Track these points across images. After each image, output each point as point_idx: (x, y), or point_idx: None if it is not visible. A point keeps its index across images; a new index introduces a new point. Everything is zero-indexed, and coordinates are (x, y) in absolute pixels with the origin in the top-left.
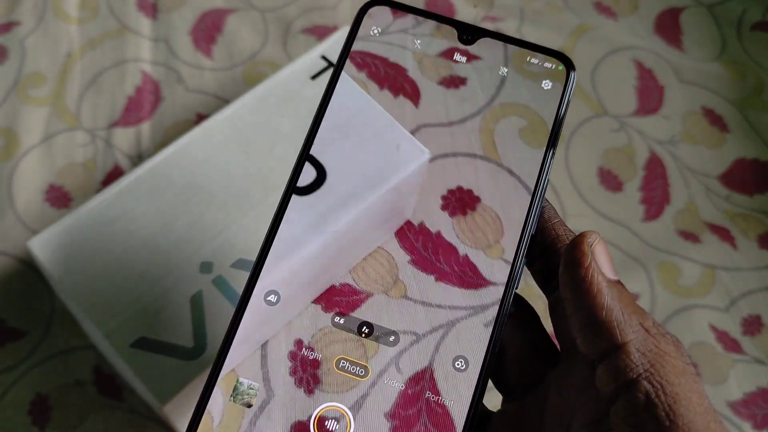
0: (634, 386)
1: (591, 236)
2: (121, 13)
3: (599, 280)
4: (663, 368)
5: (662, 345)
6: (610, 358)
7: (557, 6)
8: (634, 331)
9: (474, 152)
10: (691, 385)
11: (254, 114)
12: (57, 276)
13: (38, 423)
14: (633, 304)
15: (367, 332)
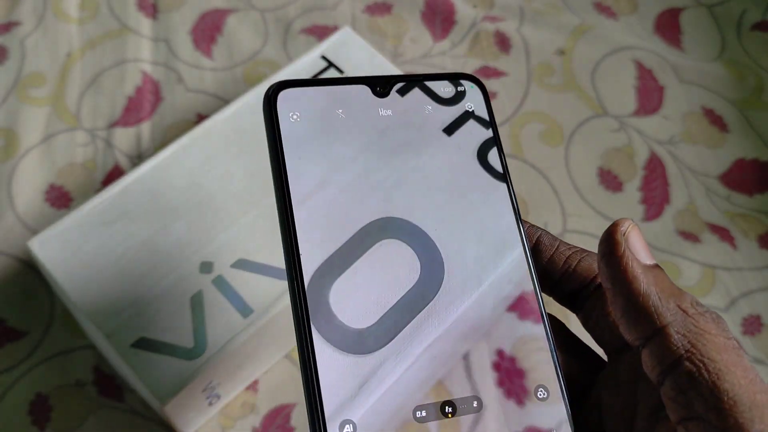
0: (678, 367)
1: (624, 224)
2: (121, 13)
3: (634, 266)
4: (704, 346)
5: (702, 324)
6: (652, 342)
7: (557, 6)
8: (672, 313)
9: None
10: (733, 359)
11: (254, 114)
12: (57, 276)
13: (38, 423)
14: (670, 287)
15: (451, 411)
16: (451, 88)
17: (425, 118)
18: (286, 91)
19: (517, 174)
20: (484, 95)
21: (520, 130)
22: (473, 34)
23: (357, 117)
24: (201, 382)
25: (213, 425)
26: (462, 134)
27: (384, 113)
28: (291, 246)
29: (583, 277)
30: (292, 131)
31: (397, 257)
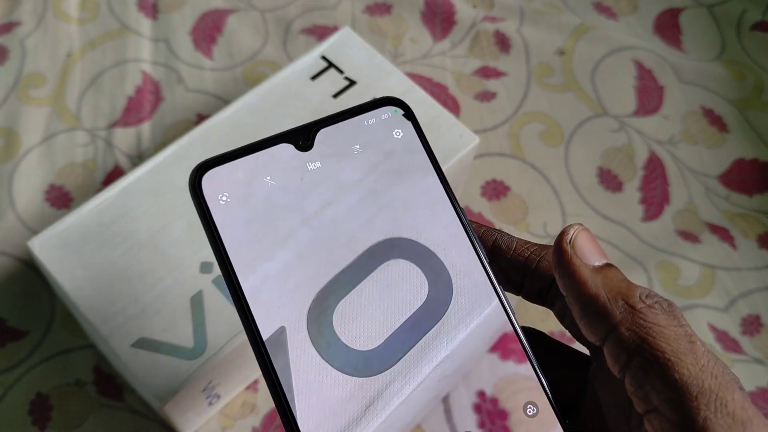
0: (631, 362)
1: (569, 231)
2: (122, 14)
3: (582, 271)
4: (653, 339)
5: (650, 317)
6: (608, 341)
7: (557, 6)
8: (621, 311)
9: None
10: (683, 348)
11: (254, 114)
12: (57, 276)
13: (38, 423)
14: (620, 285)
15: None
16: (374, 120)
17: (355, 160)
18: (209, 173)
19: (517, 174)
20: (410, 117)
21: (520, 130)
22: (473, 34)
23: (287, 180)
24: (201, 382)
25: (213, 425)
26: (396, 167)
27: (313, 167)
28: (247, 318)
29: (547, 276)
30: (225, 215)
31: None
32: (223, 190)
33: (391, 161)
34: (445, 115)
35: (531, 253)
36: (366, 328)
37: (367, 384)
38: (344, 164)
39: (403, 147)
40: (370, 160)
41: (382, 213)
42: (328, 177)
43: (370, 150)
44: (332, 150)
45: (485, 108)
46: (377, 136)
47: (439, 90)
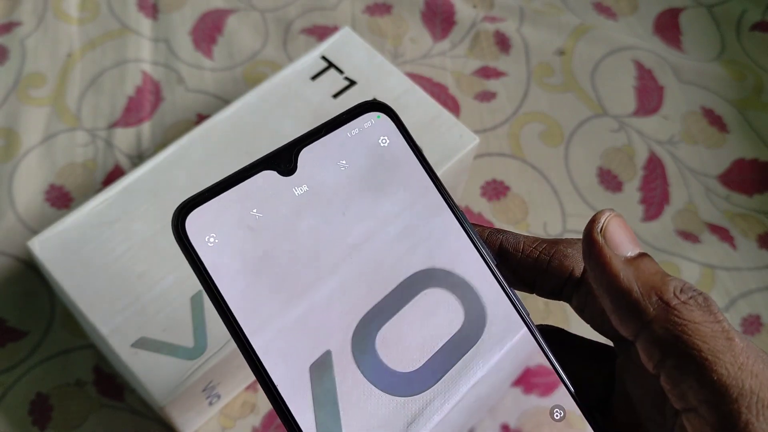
0: (666, 361)
1: (600, 219)
2: (122, 14)
3: (614, 263)
4: (689, 338)
5: (685, 314)
6: (641, 338)
7: (557, 6)
8: (655, 307)
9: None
10: (721, 346)
11: (254, 114)
12: (57, 276)
13: (39, 423)
14: (653, 277)
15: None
16: (357, 130)
17: (344, 177)
18: (192, 215)
19: (517, 174)
20: (395, 121)
21: (520, 130)
22: (473, 34)
23: (274, 210)
24: (201, 382)
25: (213, 425)
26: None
27: (300, 191)
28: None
29: (561, 272)
30: (215, 259)
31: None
32: (210, 231)
33: (381, 173)
34: (445, 115)
35: (540, 253)
36: (407, 351)
37: (408, 403)
38: (332, 184)
39: (391, 155)
40: (359, 175)
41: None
42: (317, 200)
43: (358, 164)
44: (317, 170)
45: (485, 108)
46: (363, 148)
47: (439, 90)
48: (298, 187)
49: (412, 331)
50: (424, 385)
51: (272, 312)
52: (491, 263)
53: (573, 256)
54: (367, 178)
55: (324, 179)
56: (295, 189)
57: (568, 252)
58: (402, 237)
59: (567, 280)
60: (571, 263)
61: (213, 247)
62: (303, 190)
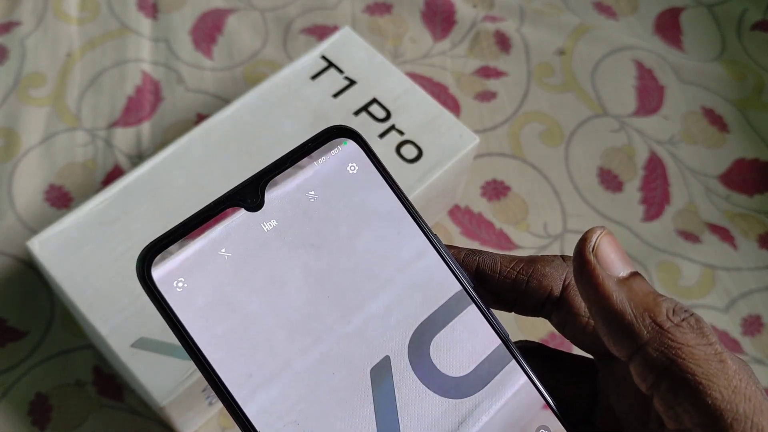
0: (660, 384)
1: (592, 237)
2: (122, 14)
3: (606, 283)
4: (683, 361)
5: (678, 337)
6: (634, 360)
7: (557, 6)
8: (648, 330)
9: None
10: (715, 369)
11: (254, 114)
12: (57, 276)
13: (38, 423)
14: (645, 298)
15: None
16: (324, 158)
17: (314, 208)
18: (157, 259)
19: (517, 174)
20: (362, 146)
21: (520, 130)
22: (473, 34)
23: (243, 248)
24: (201, 382)
25: (213, 425)
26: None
27: (268, 227)
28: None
29: (540, 292)
30: (186, 305)
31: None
32: (176, 276)
33: (351, 202)
34: (445, 115)
35: (518, 273)
36: (458, 358)
37: (459, 405)
38: (302, 217)
39: (361, 183)
40: (329, 206)
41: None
42: (287, 234)
43: (327, 194)
44: (285, 203)
45: (485, 108)
46: (331, 177)
47: (439, 90)
48: (267, 223)
49: (463, 340)
50: (473, 389)
51: (261, 369)
52: (468, 286)
53: (551, 275)
54: (337, 207)
55: (293, 212)
56: (264, 225)
57: (546, 271)
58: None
59: (546, 299)
60: (549, 282)
61: (182, 293)
62: (272, 225)
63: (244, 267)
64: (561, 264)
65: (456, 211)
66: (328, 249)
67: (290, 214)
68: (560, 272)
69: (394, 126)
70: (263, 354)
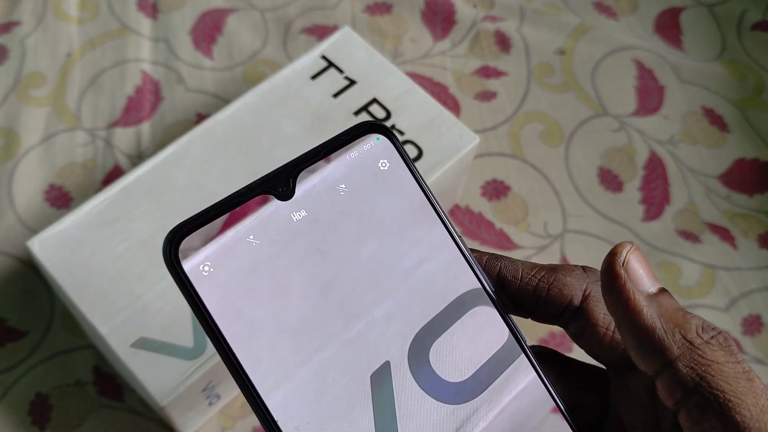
0: (689, 400)
1: (622, 252)
2: (122, 13)
3: (636, 298)
4: (713, 378)
5: (709, 354)
6: (662, 375)
7: (557, 6)
8: (679, 346)
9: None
10: (743, 387)
11: (254, 114)
12: (57, 276)
13: (38, 423)
14: (675, 314)
15: None
16: (356, 152)
17: (344, 201)
18: (186, 242)
19: (518, 174)
20: (393, 143)
21: (520, 130)
22: (473, 34)
23: (272, 237)
24: (201, 382)
25: (213, 425)
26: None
27: (298, 217)
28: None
29: (560, 301)
30: (211, 289)
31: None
32: (204, 259)
33: (381, 198)
34: (446, 115)
35: (539, 281)
36: (457, 363)
37: (457, 410)
38: (332, 209)
39: (391, 180)
40: (359, 200)
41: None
42: (317, 226)
43: (358, 188)
44: (316, 194)
45: (485, 108)
46: (362, 172)
47: (439, 90)
48: (297, 213)
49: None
50: (472, 394)
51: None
52: (489, 290)
53: (572, 284)
54: (367, 202)
55: (323, 204)
56: (293, 214)
57: (567, 281)
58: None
59: (565, 309)
60: (570, 292)
61: (208, 277)
62: (301, 215)
63: (270, 255)
64: (582, 274)
65: (456, 210)
66: (355, 242)
67: (320, 206)
68: (581, 282)
69: (395, 126)
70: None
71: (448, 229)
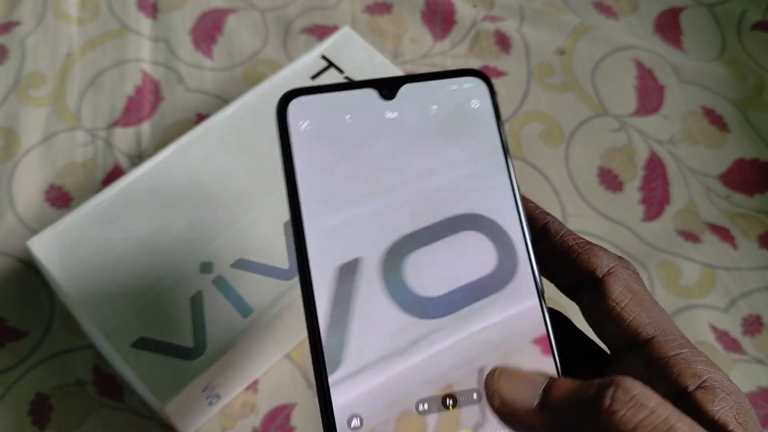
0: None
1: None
2: (122, 13)
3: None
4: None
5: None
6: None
7: (557, 6)
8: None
9: None
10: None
11: (254, 114)
12: (57, 276)
13: (38, 423)
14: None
15: (452, 403)
16: (456, 86)
17: (430, 119)
18: (296, 100)
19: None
20: (490, 91)
21: (520, 130)
22: (473, 33)
23: (364, 121)
24: (201, 382)
25: (213, 425)
26: (467, 131)
27: (390, 116)
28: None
29: (584, 269)
30: (302, 141)
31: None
32: (306, 117)
33: (462, 126)
34: None
35: (575, 243)
36: (432, 278)
37: (418, 324)
38: (419, 120)
39: (477, 116)
40: (444, 122)
41: (457, 182)
42: (401, 129)
43: (446, 113)
44: (411, 104)
45: None
46: (455, 102)
47: None
48: (391, 112)
49: (443, 262)
50: (437, 312)
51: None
52: (527, 236)
53: (602, 258)
54: (449, 125)
55: (414, 113)
56: (388, 112)
57: (600, 254)
58: (461, 181)
59: (587, 278)
60: (597, 262)
61: (303, 132)
62: (394, 115)
63: (356, 135)
64: (615, 257)
65: None
66: (424, 154)
67: (411, 115)
68: (610, 261)
69: None
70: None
71: (510, 173)
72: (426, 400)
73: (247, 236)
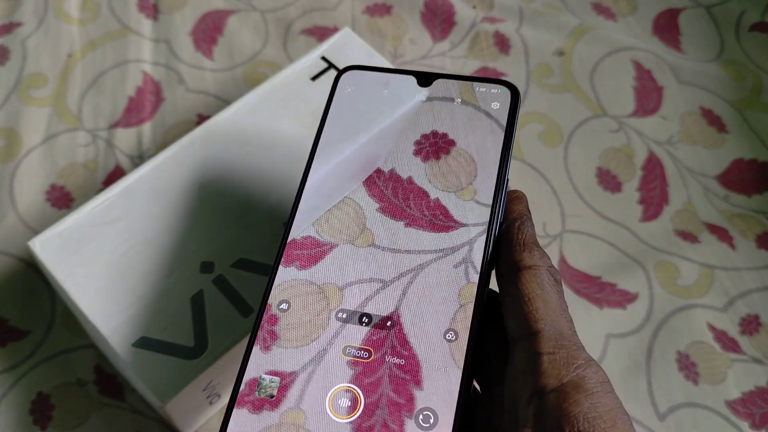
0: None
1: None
2: (122, 14)
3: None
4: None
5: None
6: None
7: (556, 7)
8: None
9: (451, 96)
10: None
11: (255, 115)
12: (58, 276)
13: (39, 422)
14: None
15: (367, 322)
16: (484, 89)
17: (453, 109)
18: (350, 72)
19: (517, 174)
20: (513, 101)
21: (520, 131)
22: (473, 34)
23: (397, 96)
24: (202, 382)
25: (214, 424)
26: (481, 129)
27: (420, 98)
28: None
29: (514, 259)
30: (343, 99)
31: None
32: (352, 85)
33: (474, 125)
34: None
35: (523, 237)
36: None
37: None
38: (442, 107)
39: (491, 119)
40: (462, 113)
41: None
42: (427, 111)
43: (465, 107)
44: (440, 94)
45: None
46: (477, 100)
47: None
48: (422, 96)
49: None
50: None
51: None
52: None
53: (535, 256)
54: (463, 119)
55: (439, 100)
56: (418, 95)
57: (535, 252)
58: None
59: (513, 268)
60: (527, 257)
61: (345, 95)
62: (423, 98)
63: (387, 106)
64: (546, 260)
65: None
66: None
67: (436, 100)
68: (539, 260)
69: None
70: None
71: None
72: (346, 311)
73: (247, 236)
